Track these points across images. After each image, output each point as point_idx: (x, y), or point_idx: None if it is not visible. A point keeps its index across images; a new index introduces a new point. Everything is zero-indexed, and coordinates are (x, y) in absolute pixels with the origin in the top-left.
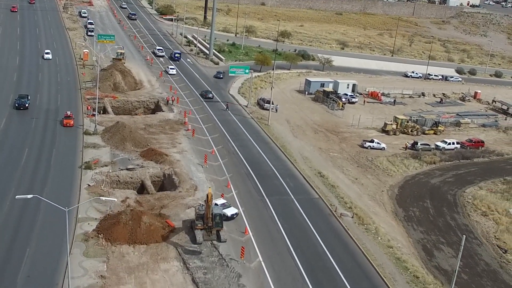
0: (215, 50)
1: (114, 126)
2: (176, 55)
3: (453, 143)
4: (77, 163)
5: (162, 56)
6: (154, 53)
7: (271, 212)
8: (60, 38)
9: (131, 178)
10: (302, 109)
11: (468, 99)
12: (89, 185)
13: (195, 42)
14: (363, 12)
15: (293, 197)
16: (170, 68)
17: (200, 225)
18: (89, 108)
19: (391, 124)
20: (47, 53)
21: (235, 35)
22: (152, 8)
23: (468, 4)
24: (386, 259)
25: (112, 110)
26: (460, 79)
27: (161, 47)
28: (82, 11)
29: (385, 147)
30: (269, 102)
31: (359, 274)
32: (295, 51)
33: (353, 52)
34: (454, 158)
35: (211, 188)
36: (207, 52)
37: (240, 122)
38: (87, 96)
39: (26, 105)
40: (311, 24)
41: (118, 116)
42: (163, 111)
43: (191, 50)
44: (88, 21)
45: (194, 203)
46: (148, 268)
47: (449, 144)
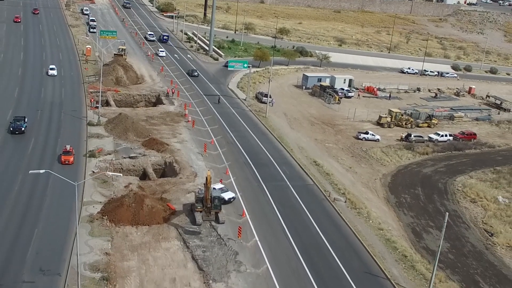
0: (215, 46)
1: (117, 117)
2: (164, 37)
3: (446, 135)
4: (81, 151)
5: (153, 40)
6: (145, 37)
7: (267, 197)
8: (63, 34)
9: (134, 166)
10: (299, 103)
11: (463, 94)
12: (93, 172)
13: (195, 38)
14: (361, 10)
15: (288, 183)
16: (160, 51)
17: (199, 207)
18: (92, 100)
19: (386, 117)
20: (52, 69)
21: (235, 32)
22: (152, 6)
23: (465, 2)
24: (377, 240)
25: (115, 103)
26: (456, 75)
27: (152, 33)
28: (84, 8)
29: (380, 139)
30: (267, 96)
31: (350, 253)
32: (293, 48)
33: (351, 49)
34: (446, 150)
35: (210, 171)
36: (207, 48)
37: (238, 115)
38: (90, 90)
39: (22, 128)
40: (309, 21)
41: (120, 108)
42: (164, 104)
43: (191, 47)
44: (90, 18)
45: (194, 189)
46: (150, 246)
47: (442, 136)
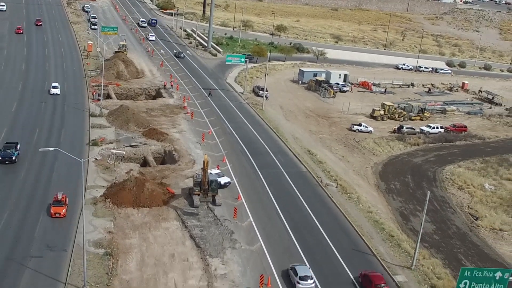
0: (214, 43)
1: (118, 109)
2: (153, 21)
3: (437, 128)
4: (84, 140)
5: (145, 26)
6: (138, 24)
7: (262, 182)
8: (65, 31)
9: (135, 154)
10: (295, 97)
11: (456, 89)
12: (96, 159)
13: (194, 35)
14: (358, 8)
15: (283, 170)
16: (150, 35)
17: (197, 190)
18: (94, 93)
19: (379, 110)
20: (54, 87)
21: (233, 29)
22: (152, 3)
23: (461, 1)
24: (365, 221)
25: (116, 97)
26: (450, 71)
27: (144, 19)
28: (86, 6)
29: (372, 130)
30: (263, 90)
31: (339, 232)
32: (290, 44)
33: (347, 45)
34: (437, 141)
35: (206, 155)
36: (206, 44)
37: (236, 107)
38: (92, 83)
39: (13, 157)
40: (307, 19)
41: (121, 101)
42: (163, 97)
43: (190, 43)
44: (91, 15)
45: (193, 174)
46: (151, 226)
47: (433, 128)
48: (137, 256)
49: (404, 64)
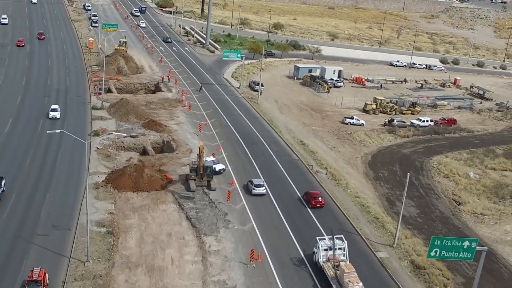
0: (212, 40)
1: (119, 102)
2: (143, 8)
3: (427, 121)
4: (86, 131)
5: (138, 15)
6: (131, 13)
7: (255, 169)
8: (66, 28)
9: (134, 144)
10: (290, 92)
11: (448, 85)
12: (98, 148)
13: (192, 33)
14: (355, 7)
15: (275, 158)
16: (141, 22)
17: (193, 176)
18: (95, 87)
19: (371, 104)
20: (53, 110)
21: (231, 27)
22: (152, 2)
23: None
24: (352, 205)
25: (116, 91)
26: (443, 67)
27: (137, 9)
28: (86, 4)
29: (364, 123)
30: (259, 84)
31: (327, 215)
32: (287, 42)
33: (343, 43)
34: (426, 133)
35: (202, 142)
36: (204, 42)
37: (232, 101)
38: (93, 78)
39: None
40: (304, 17)
41: (121, 95)
42: (162, 91)
43: (189, 40)
44: (92, 13)
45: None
46: (149, 208)
47: (424, 121)
48: (137, 235)
49: (398, 61)
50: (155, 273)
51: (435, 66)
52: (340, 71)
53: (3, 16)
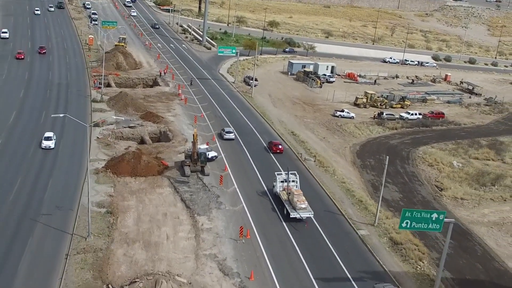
0: (208, 37)
1: (118, 95)
2: None
3: (416, 114)
4: (87, 122)
5: (130, 6)
6: (124, 4)
7: (247, 157)
8: (67, 26)
9: (133, 134)
10: (284, 86)
11: (439, 81)
12: (98, 137)
13: (189, 30)
14: (350, 5)
15: (267, 148)
16: (132, 11)
17: (188, 162)
18: (95, 82)
19: (362, 98)
20: (47, 139)
21: (227, 25)
22: (150, 1)
23: None
24: (338, 189)
25: (115, 85)
26: (435, 64)
27: (129, 0)
28: (86, 3)
29: (354, 116)
30: (253, 79)
31: (314, 197)
32: (282, 39)
33: (337, 40)
34: (414, 126)
35: (196, 130)
36: (201, 39)
37: (227, 95)
38: (93, 73)
39: None
40: (299, 16)
41: (120, 89)
42: (160, 86)
43: (186, 37)
44: (92, 12)
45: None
46: (147, 191)
47: (412, 115)
48: (134, 215)
49: (391, 58)
50: (151, 248)
51: (427, 63)
52: (333, 67)
53: (4, 30)
